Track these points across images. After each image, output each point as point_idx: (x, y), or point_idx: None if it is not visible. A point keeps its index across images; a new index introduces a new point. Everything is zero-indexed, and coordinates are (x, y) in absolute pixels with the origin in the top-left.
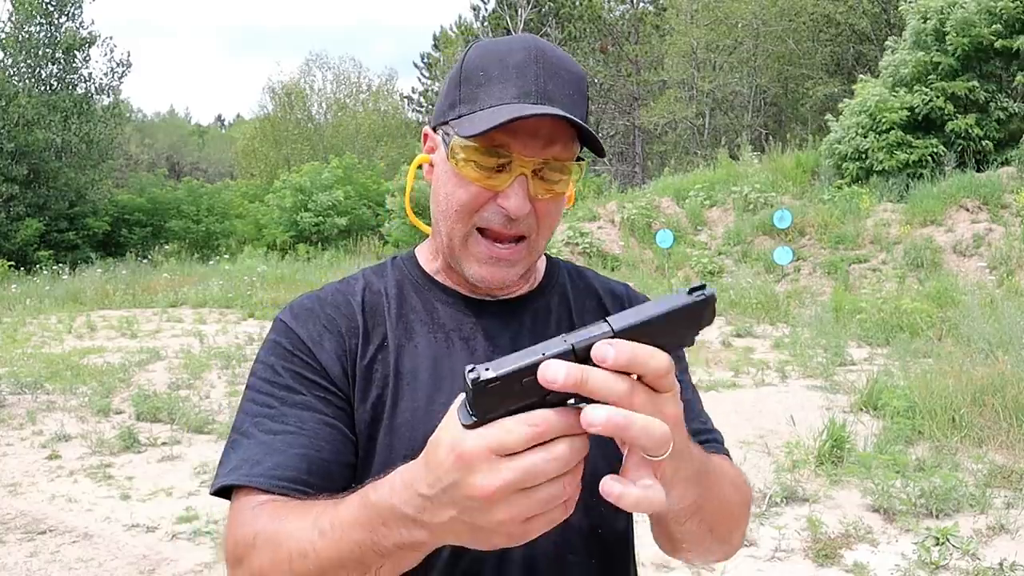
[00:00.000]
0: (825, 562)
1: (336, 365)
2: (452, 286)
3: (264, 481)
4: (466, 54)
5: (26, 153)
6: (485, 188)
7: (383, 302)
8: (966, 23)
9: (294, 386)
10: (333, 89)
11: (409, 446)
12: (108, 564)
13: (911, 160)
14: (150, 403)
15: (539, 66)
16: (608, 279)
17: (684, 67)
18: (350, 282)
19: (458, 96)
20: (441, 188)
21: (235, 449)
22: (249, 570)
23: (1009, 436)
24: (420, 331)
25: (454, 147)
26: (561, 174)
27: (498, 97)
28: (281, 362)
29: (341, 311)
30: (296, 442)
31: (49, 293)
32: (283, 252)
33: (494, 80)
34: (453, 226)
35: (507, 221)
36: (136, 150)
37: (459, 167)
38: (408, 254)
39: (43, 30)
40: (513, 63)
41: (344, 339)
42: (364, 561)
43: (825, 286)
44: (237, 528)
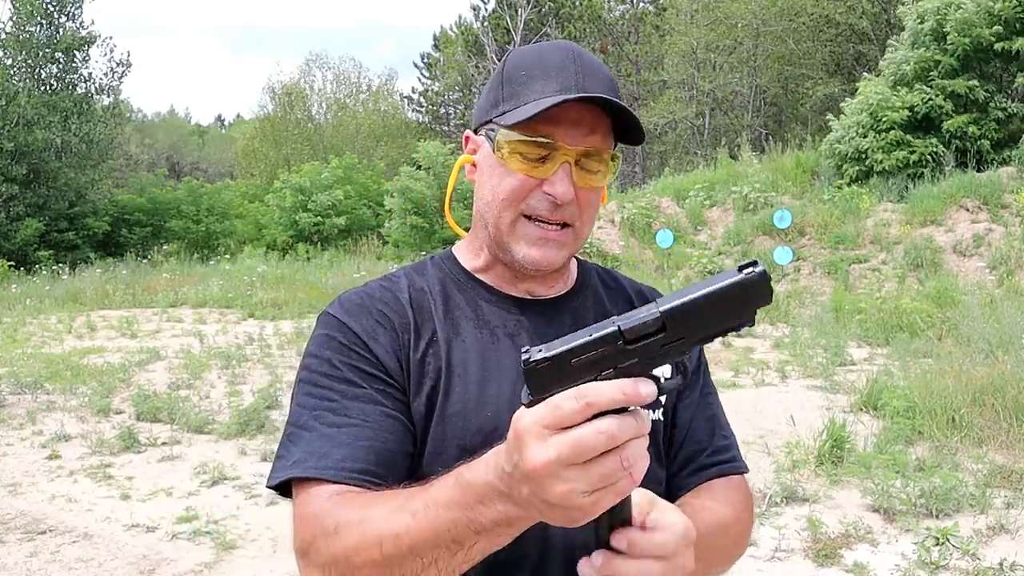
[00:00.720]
0: (825, 562)
1: (392, 359)
2: (494, 284)
3: (334, 473)
4: (506, 59)
5: (26, 153)
6: (531, 176)
7: (428, 299)
8: (966, 23)
9: (353, 379)
10: (333, 89)
11: (461, 435)
12: (108, 564)
13: (911, 160)
14: (150, 403)
15: (577, 65)
16: (636, 281)
17: (684, 67)
18: (393, 279)
19: (500, 95)
20: (487, 181)
21: (295, 443)
22: (329, 555)
23: (1009, 436)
24: (466, 327)
25: (499, 140)
26: (600, 164)
27: (540, 91)
28: (338, 356)
29: (391, 307)
30: (362, 434)
31: (49, 293)
32: (283, 252)
33: (536, 77)
34: (501, 213)
35: (553, 207)
36: (136, 150)
37: (505, 159)
38: (447, 253)
39: (43, 30)
40: (553, 62)
41: (397, 334)
42: (459, 539)
43: (825, 286)
44: (312, 519)
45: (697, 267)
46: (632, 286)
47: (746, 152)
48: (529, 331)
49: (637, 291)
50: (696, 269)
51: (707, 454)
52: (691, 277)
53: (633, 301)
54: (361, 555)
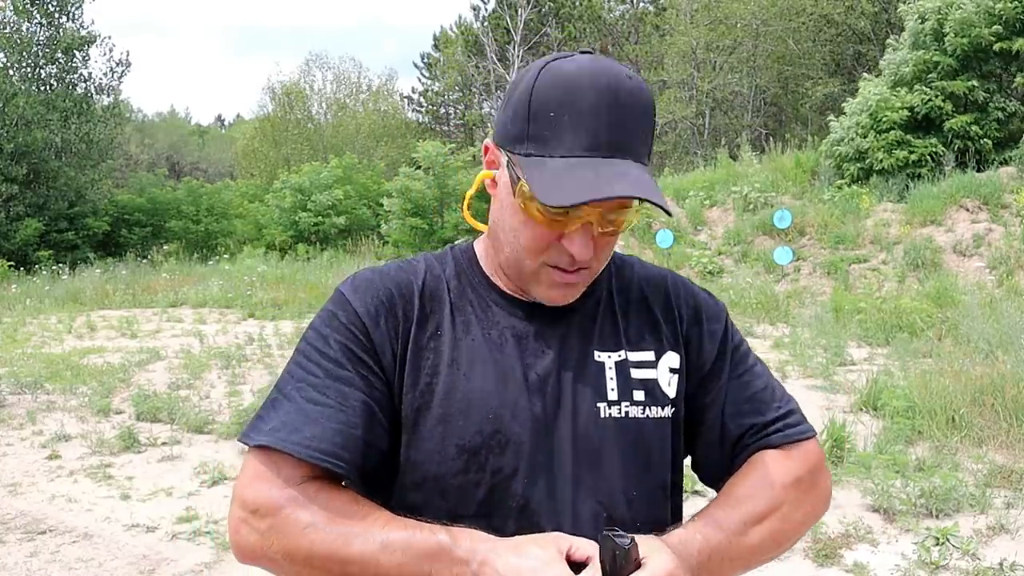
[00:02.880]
0: (825, 562)
1: (387, 346)
2: (506, 289)
3: (301, 451)
4: (536, 81)
5: (26, 153)
6: (549, 230)
7: (443, 289)
8: (965, 23)
9: (342, 360)
10: (333, 89)
11: (461, 435)
12: (108, 564)
13: (911, 160)
14: (150, 403)
15: (611, 113)
16: (651, 268)
17: (684, 67)
18: (413, 264)
19: (526, 132)
20: (507, 218)
21: (275, 408)
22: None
23: (1009, 436)
24: (475, 325)
25: (521, 189)
26: (623, 214)
27: (568, 147)
28: (334, 334)
29: (402, 291)
30: (335, 417)
31: (49, 293)
32: (282, 252)
33: (564, 126)
34: (523, 260)
35: (571, 262)
36: (136, 150)
37: (524, 207)
38: (467, 247)
39: (43, 30)
40: (585, 107)
41: (400, 321)
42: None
43: (825, 286)
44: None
45: (697, 267)
46: (643, 276)
47: (746, 152)
48: (536, 334)
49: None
50: (696, 269)
51: (751, 434)
52: (691, 277)
53: (645, 292)
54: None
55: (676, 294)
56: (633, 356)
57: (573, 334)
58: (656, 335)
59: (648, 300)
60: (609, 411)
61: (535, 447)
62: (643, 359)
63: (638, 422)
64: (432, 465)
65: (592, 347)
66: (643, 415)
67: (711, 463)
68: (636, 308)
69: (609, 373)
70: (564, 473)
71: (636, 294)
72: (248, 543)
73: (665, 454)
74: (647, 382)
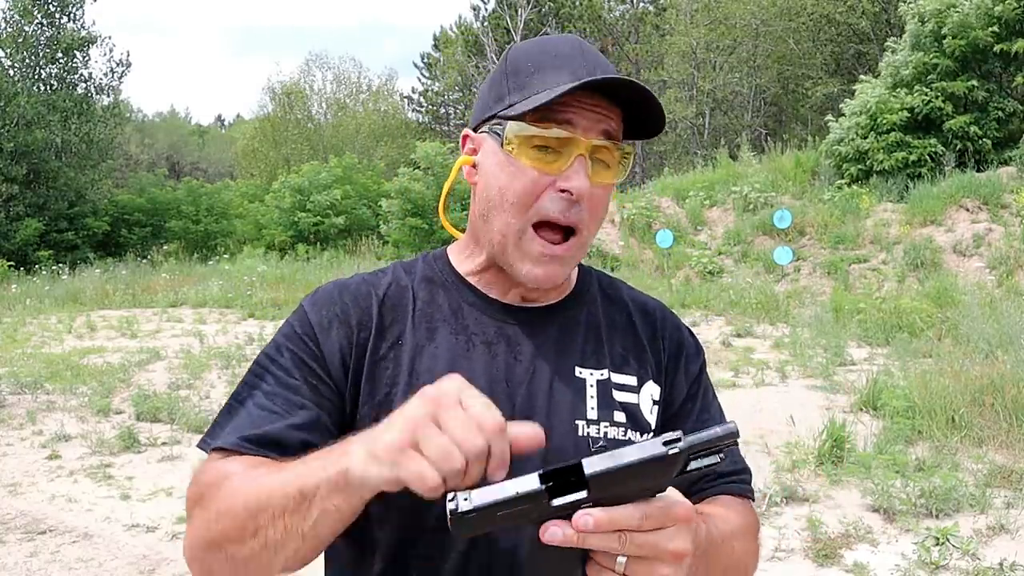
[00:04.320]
0: (825, 562)
1: (336, 356)
2: (483, 289)
3: (239, 443)
4: (508, 53)
5: (26, 153)
6: (545, 172)
7: (407, 298)
8: (964, 26)
9: (290, 369)
10: (333, 89)
11: None
12: (108, 564)
13: (910, 160)
14: (150, 403)
15: (584, 56)
16: (641, 294)
17: (684, 67)
18: (378, 275)
19: (506, 88)
20: (493, 182)
21: (230, 414)
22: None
23: (1009, 436)
24: (442, 330)
25: (509, 135)
26: (614, 158)
27: (553, 80)
28: (287, 343)
29: (359, 303)
30: (279, 420)
31: (49, 293)
32: (282, 252)
33: (546, 68)
34: (508, 220)
35: (567, 207)
36: (136, 150)
37: (515, 154)
38: (440, 252)
39: (44, 30)
40: (560, 52)
41: (354, 331)
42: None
43: (825, 286)
44: (204, 477)
45: (697, 267)
46: (635, 300)
47: (746, 152)
48: (510, 340)
49: (640, 306)
50: (696, 269)
51: (710, 479)
52: (691, 277)
53: (633, 317)
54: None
55: (664, 325)
56: (616, 378)
57: (551, 343)
58: (640, 361)
59: (636, 325)
60: (588, 429)
61: None
62: (625, 382)
63: (617, 444)
64: None
65: (573, 362)
66: (624, 437)
67: None
68: (622, 330)
69: (590, 391)
70: None
71: (623, 316)
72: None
73: None
74: (628, 406)
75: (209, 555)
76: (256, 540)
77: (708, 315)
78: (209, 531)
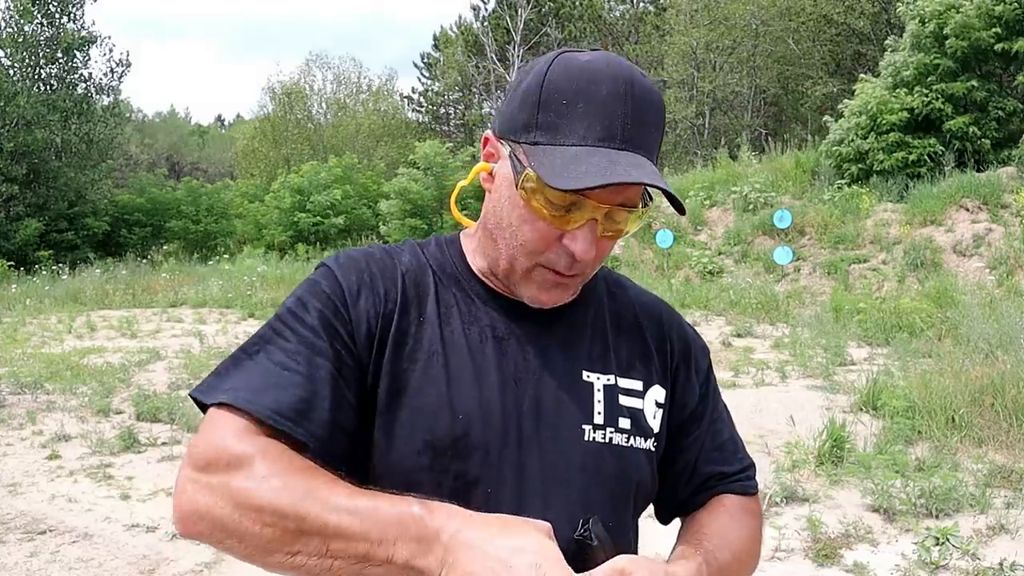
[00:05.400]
0: (825, 562)
1: (364, 324)
2: (493, 286)
3: (262, 411)
4: (549, 68)
5: (26, 153)
6: (554, 227)
7: (428, 277)
8: (965, 27)
9: (318, 329)
10: (333, 89)
11: (430, 431)
12: (108, 564)
13: (910, 160)
14: (150, 403)
15: (627, 106)
16: (646, 293)
17: (684, 67)
18: (397, 250)
19: (535, 119)
20: (504, 214)
21: (237, 367)
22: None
23: (1009, 436)
24: (456, 319)
25: (525, 180)
26: (627, 215)
27: (581, 136)
28: (314, 301)
29: (386, 273)
30: (303, 385)
31: (49, 293)
32: (282, 252)
33: (578, 114)
34: (517, 258)
35: (571, 262)
36: (136, 150)
37: (531, 201)
38: (452, 239)
39: (44, 30)
40: (600, 97)
41: (382, 301)
42: (371, 554)
43: (825, 286)
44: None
45: (697, 267)
46: (640, 301)
47: (746, 152)
48: (519, 338)
49: (644, 306)
50: (696, 269)
51: (717, 478)
52: (691, 277)
53: (639, 318)
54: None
55: (670, 327)
56: (623, 383)
57: (558, 345)
58: (646, 365)
59: (642, 327)
60: (594, 434)
61: (501, 458)
62: (631, 387)
63: (622, 450)
64: (399, 453)
65: (581, 366)
66: (627, 443)
67: (673, 498)
68: (629, 334)
69: (597, 396)
70: (533, 491)
71: (630, 319)
72: (193, 503)
73: (644, 487)
74: (634, 411)
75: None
76: (290, 559)
77: (708, 315)
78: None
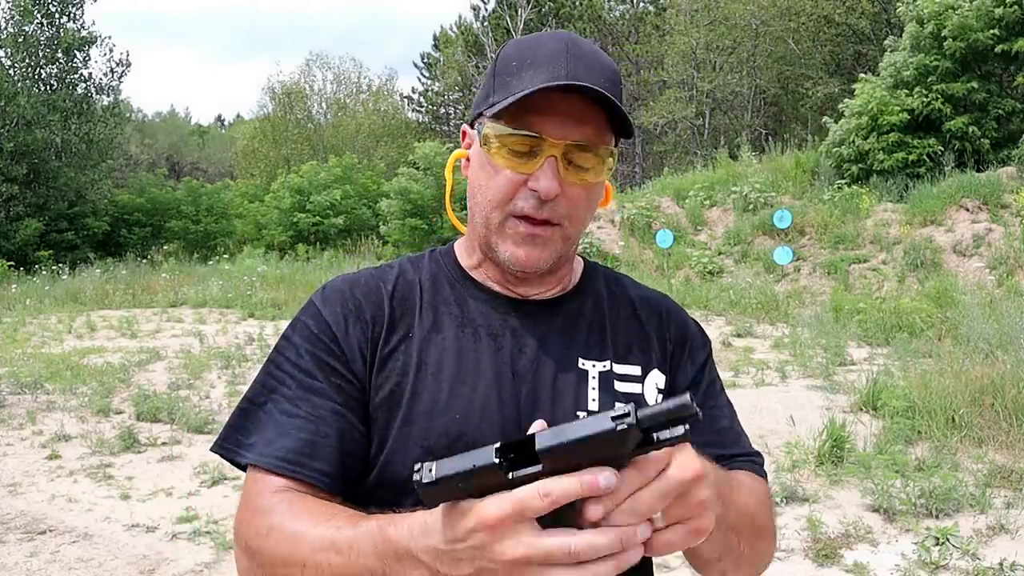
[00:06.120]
0: (825, 562)
1: (357, 353)
2: (487, 283)
3: (271, 462)
4: (500, 49)
5: (26, 153)
6: (517, 173)
7: (415, 292)
8: (963, 28)
9: (313, 371)
10: (333, 89)
11: (426, 436)
12: (108, 564)
13: (909, 160)
14: (150, 403)
15: (570, 55)
16: (646, 289)
17: (684, 67)
18: (386, 270)
19: (492, 87)
20: (475, 179)
21: (250, 420)
22: (260, 562)
23: (1009, 436)
24: (448, 324)
25: (487, 134)
26: (593, 160)
27: (528, 81)
28: (306, 344)
29: (371, 298)
30: (306, 427)
31: (49, 293)
32: (282, 252)
33: (525, 67)
34: (489, 214)
35: (539, 204)
36: (136, 150)
37: (491, 153)
38: (446, 248)
39: (44, 30)
40: (545, 53)
41: (369, 326)
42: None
43: (825, 286)
44: (253, 513)
45: (697, 267)
46: (640, 294)
47: (746, 152)
48: (515, 332)
49: (644, 300)
50: (696, 269)
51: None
52: (691, 277)
53: (638, 311)
54: (282, 570)
55: (669, 317)
56: (619, 368)
57: (555, 335)
58: (644, 351)
59: (640, 317)
60: None
61: None
62: (628, 372)
63: None
64: (398, 466)
65: (577, 354)
66: None
67: None
68: (626, 322)
69: (592, 383)
70: None
71: (627, 309)
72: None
73: None
74: (632, 396)
75: None
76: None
77: (708, 315)
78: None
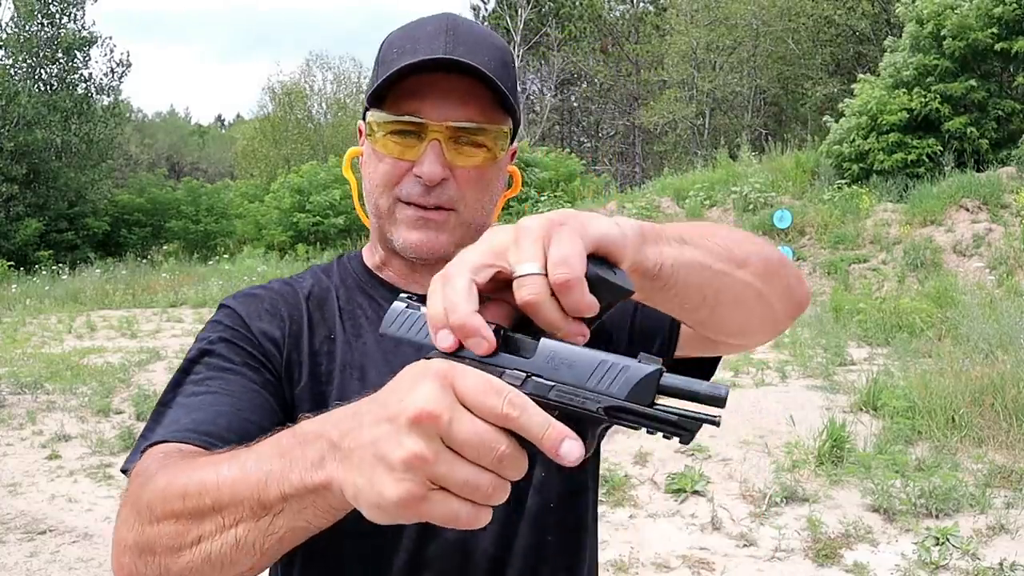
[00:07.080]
0: (825, 562)
1: (269, 342)
2: (394, 282)
3: (180, 435)
4: (385, 38)
5: (26, 153)
6: (401, 159)
7: (331, 298)
8: (962, 27)
9: (225, 354)
10: (333, 89)
11: None
12: (108, 564)
13: (909, 160)
14: (150, 403)
15: (449, 35)
16: None
17: (684, 67)
18: (297, 279)
19: (376, 76)
20: (364, 171)
21: (156, 420)
22: (142, 502)
23: (1009, 436)
24: (367, 328)
25: (370, 123)
26: (483, 141)
27: (406, 63)
28: (216, 335)
29: (287, 299)
30: (218, 401)
31: (49, 293)
32: (282, 252)
33: (406, 52)
34: (378, 201)
35: (425, 191)
36: (136, 150)
37: (376, 142)
38: (354, 254)
39: (44, 30)
40: (423, 34)
41: (286, 323)
42: (265, 501)
43: (825, 286)
44: (139, 470)
45: None
46: None
47: (746, 152)
48: None
49: None
50: None
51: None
52: None
53: None
54: (163, 506)
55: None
56: None
57: None
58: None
59: None
60: None
61: None
62: None
63: None
64: None
65: None
66: None
67: None
68: None
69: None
70: None
71: None
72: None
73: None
74: None
75: (140, 561)
76: (197, 550)
77: None
78: (142, 533)
